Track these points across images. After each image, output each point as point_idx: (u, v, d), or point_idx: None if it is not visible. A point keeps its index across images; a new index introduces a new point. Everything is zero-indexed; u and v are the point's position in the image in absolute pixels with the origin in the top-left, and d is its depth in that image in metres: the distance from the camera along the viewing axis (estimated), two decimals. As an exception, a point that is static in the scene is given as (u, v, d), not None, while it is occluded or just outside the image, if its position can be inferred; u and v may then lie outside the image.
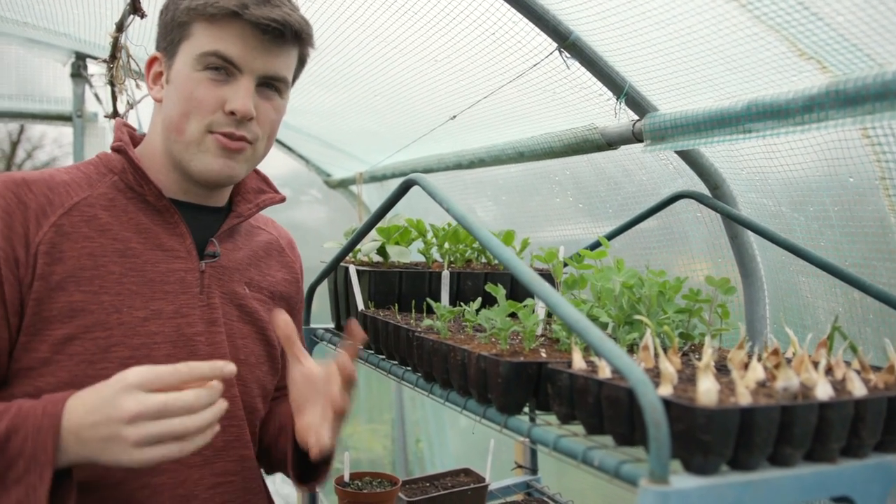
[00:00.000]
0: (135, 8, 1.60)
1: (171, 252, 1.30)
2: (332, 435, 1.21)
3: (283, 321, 1.22)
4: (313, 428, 1.22)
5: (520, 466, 2.22)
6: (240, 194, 1.44)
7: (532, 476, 2.19)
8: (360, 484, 1.81)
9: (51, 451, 1.02)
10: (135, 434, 1.00)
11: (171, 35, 1.28)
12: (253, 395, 1.39)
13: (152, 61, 1.33)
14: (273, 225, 1.60)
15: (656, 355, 1.07)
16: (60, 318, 1.18)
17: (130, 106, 2.19)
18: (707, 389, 0.79)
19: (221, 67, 1.24)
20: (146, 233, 1.29)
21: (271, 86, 1.30)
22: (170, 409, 1.01)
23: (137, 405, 1.00)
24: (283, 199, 1.48)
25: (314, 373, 1.25)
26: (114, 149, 1.30)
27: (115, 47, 1.87)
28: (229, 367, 1.07)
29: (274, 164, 3.98)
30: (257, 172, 1.48)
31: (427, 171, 2.58)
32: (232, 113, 1.24)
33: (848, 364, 1.10)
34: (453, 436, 3.76)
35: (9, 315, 1.16)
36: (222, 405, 1.07)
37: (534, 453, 2.21)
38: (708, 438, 0.76)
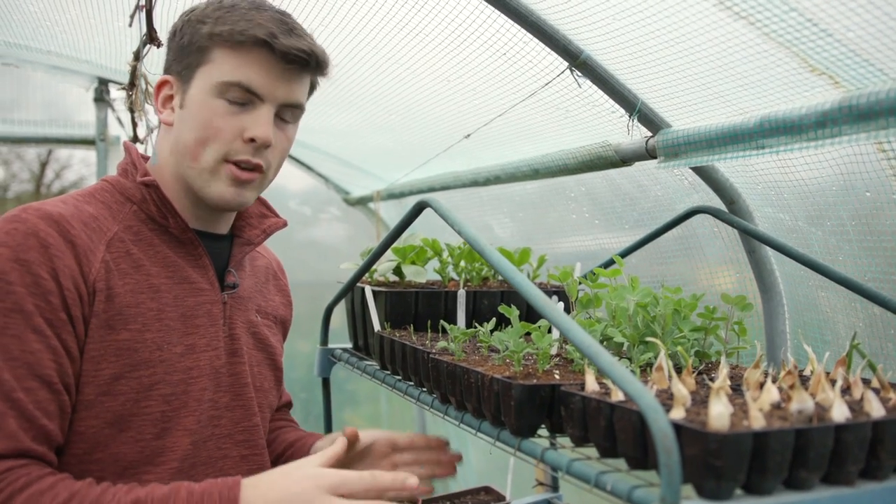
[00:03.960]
0: (151, 38, 1.63)
1: (196, 285, 1.31)
2: None
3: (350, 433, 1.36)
4: None
5: (541, 484, 2.20)
6: (243, 220, 1.43)
7: (553, 493, 2.16)
8: None
9: None
10: None
11: (188, 59, 1.26)
12: (266, 420, 1.41)
13: (162, 84, 1.31)
14: (265, 248, 1.61)
15: (670, 376, 1.06)
16: (108, 357, 1.17)
17: (150, 131, 2.23)
18: (719, 413, 0.78)
19: (243, 98, 1.23)
20: (173, 266, 1.29)
21: (286, 113, 1.29)
22: None
23: None
24: (285, 224, 1.47)
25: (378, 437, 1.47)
26: (144, 183, 1.27)
27: (134, 75, 1.91)
28: (411, 480, 1.15)
29: (293, 182, 4.01)
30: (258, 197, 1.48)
31: (444, 188, 2.59)
32: (252, 140, 1.24)
33: (867, 382, 1.08)
34: (475, 452, 3.74)
35: (80, 355, 1.16)
36: None
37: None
38: (720, 463, 0.75)
